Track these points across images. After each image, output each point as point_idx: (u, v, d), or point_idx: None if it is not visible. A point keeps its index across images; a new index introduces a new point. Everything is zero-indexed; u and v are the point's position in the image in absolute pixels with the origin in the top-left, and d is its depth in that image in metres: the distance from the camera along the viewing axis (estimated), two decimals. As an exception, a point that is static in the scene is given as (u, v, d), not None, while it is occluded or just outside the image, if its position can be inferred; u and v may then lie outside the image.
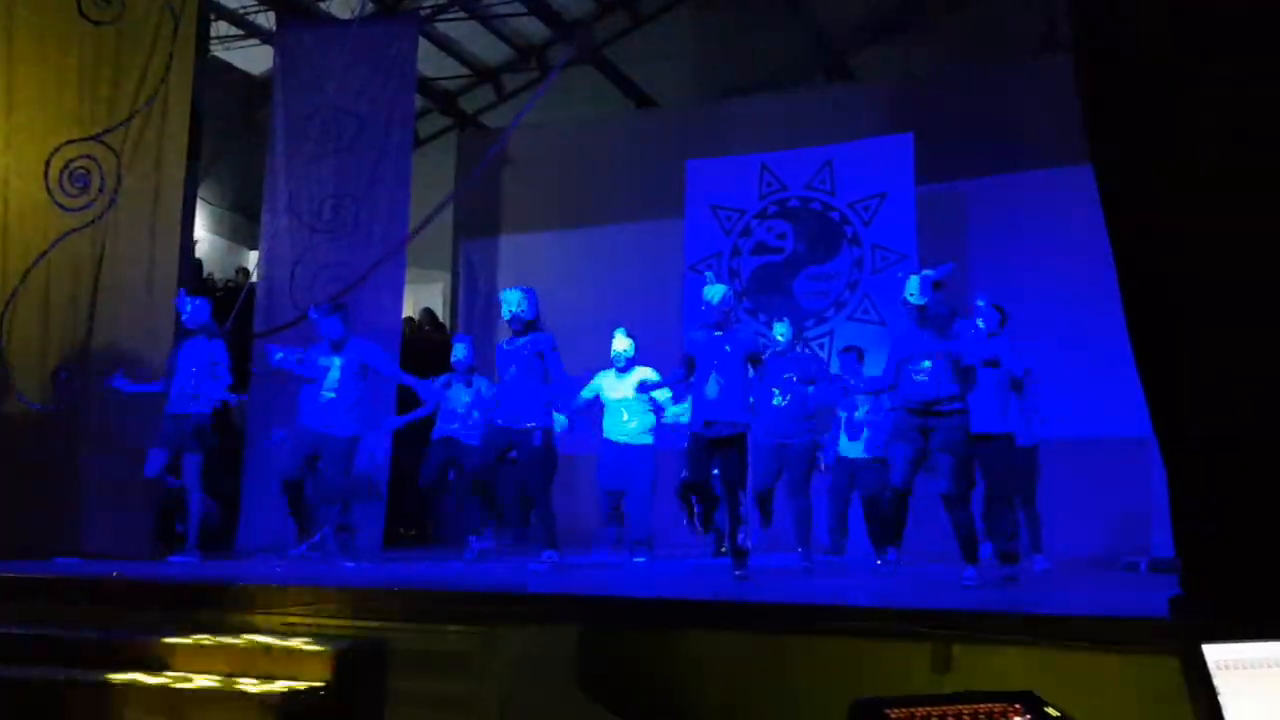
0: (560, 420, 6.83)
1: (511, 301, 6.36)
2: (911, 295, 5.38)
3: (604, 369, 7.64)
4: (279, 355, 6.84)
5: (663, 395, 7.35)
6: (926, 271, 5.51)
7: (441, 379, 8.26)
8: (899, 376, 5.44)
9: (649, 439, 7.48)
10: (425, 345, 11.56)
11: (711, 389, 5.74)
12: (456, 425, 7.70)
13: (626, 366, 7.48)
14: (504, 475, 6.72)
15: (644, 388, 7.05)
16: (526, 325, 6.35)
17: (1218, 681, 2.23)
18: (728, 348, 5.80)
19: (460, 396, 7.78)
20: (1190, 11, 3.17)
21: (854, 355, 7.73)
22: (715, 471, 5.92)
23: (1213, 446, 3.17)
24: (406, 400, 9.56)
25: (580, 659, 3.69)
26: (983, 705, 2.19)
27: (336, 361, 6.76)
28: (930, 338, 5.35)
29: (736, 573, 5.58)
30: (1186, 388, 3.22)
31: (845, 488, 7.40)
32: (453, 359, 8.00)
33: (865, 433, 7.25)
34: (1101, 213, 3.34)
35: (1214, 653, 2.27)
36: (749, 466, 5.97)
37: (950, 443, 5.23)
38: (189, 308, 7.03)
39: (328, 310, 6.88)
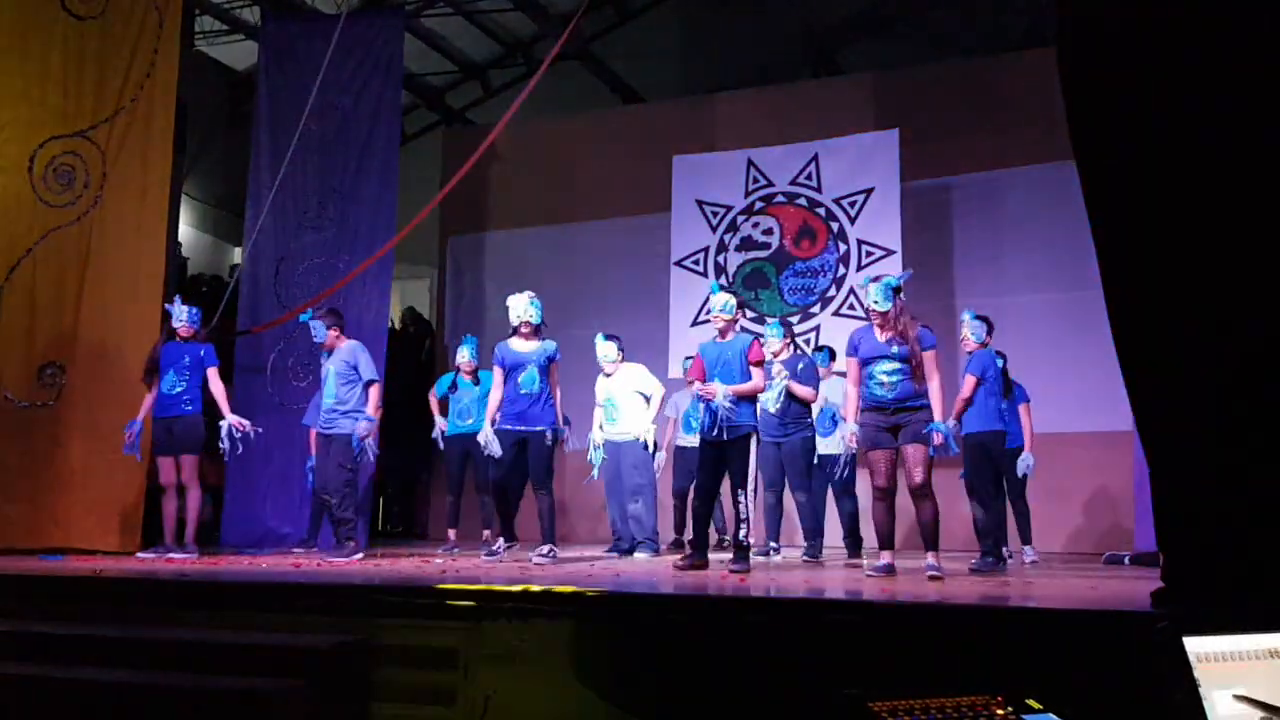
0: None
1: (519, 307, 6.46)
2: (876, 302, 5.43)
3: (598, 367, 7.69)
4: None
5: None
6: (889, 278, 5.56)
7: (446, 377, 8.38)
8: (864, 379, 5.49)
9: (648, 437, 7.53)
10: (409, 343, 11.59)
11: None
12: (472, 421, 7.77)
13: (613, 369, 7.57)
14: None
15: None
16: (534, 330, 6.47)
17: (1198, 673, 2.25)
18: (729, 354, 6.01)
19: (471, 394, 7.98)
20: (1174, 6, 3.19)
21: (826, 352, 7.79)
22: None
23: (1195, 441, 3.19)
24: (408, 401, 9.64)
25: (569, 654, 3.69)
26: (965, 699, 2.21)
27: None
28: (892, 341, 5.41)
29: (733, 568, 5.70)
30: (1168, 382, 3.24)
31: (822, 484, 7.42)
32: (458, 360, 8.13)
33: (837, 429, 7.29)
34: (1084, 208, 3.36)
35: (1195, 645, 2.29)
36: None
37: (918, 435, 5.31)
38: (185, 315, 6.99)
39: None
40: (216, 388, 6.88)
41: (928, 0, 10.76)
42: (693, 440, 7.46)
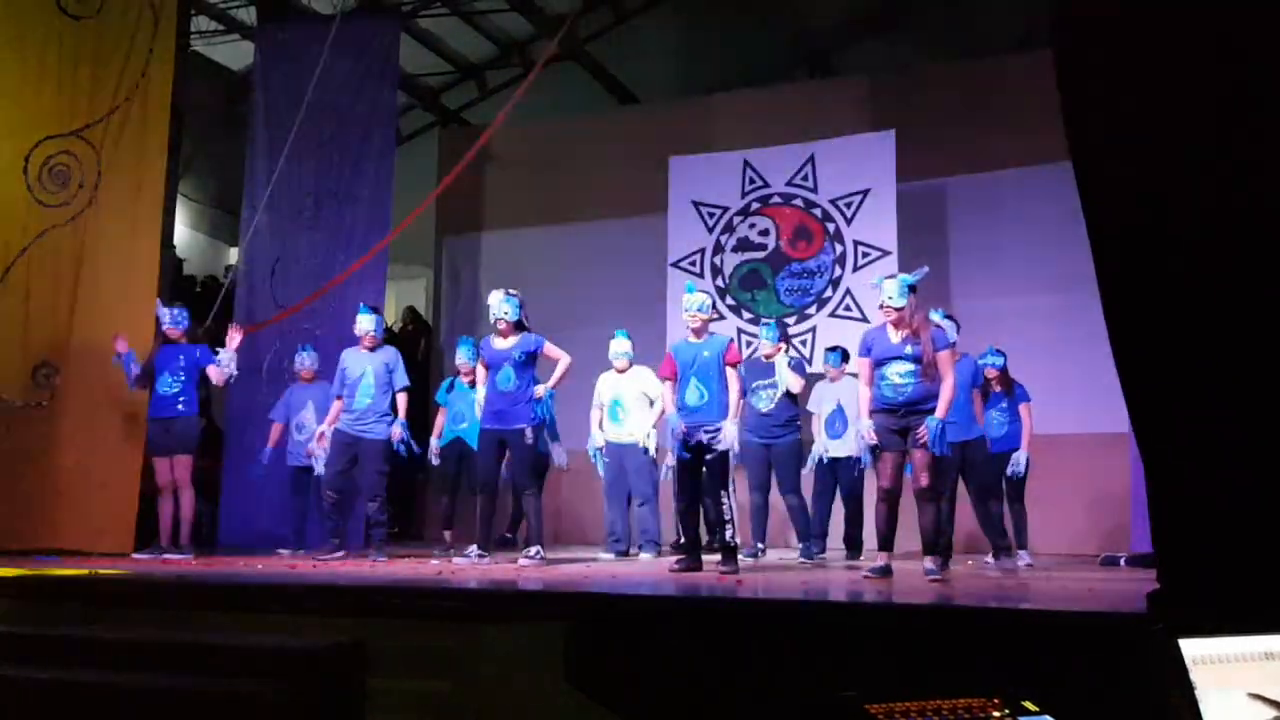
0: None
1: (494, 304, 6.43)
2: (890, 298, 5.41)
3: (593, 368, 7.71)
4: None
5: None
6: (904, 276, 5.53)
7: (445, 383, 8.37)
8: (875, 379, 5.46)
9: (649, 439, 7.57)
10: (408, 343, 11.56)
11: (692, 395, 5.95)
12: (465, 425, 7.78)
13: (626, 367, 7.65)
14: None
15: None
16: (512, 327, 6.42)
17: (1194, 676, 2.25)
18: (706, 354, 5.99)
19: (466, 398, 7.93)
20: (1170, 7, 3.19)
21: (839, 353, 7.78)
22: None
23: (1190, 442, 3.19)
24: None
25: (565, 656, 3.69)
26: (961, 700, 2.20)
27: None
28: (906, 341, 5.39)
29: (723, 569, 5.72)
30: (1164, 383, 3.24)
31: (830, 486, 7.42)
32: (456, 361, 8.11)
33: (844, 430, 7.30)
34: (1080, 209, 3.36)
35: (1191, 647, 2.29)
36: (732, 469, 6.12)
37: (928, 440, 5.30)
38: (168, 317, 6.99)
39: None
40: (216, 379, 6.95)
41: (924, 2, 10.76)
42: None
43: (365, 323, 6.86)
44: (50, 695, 3.77)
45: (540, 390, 6.44)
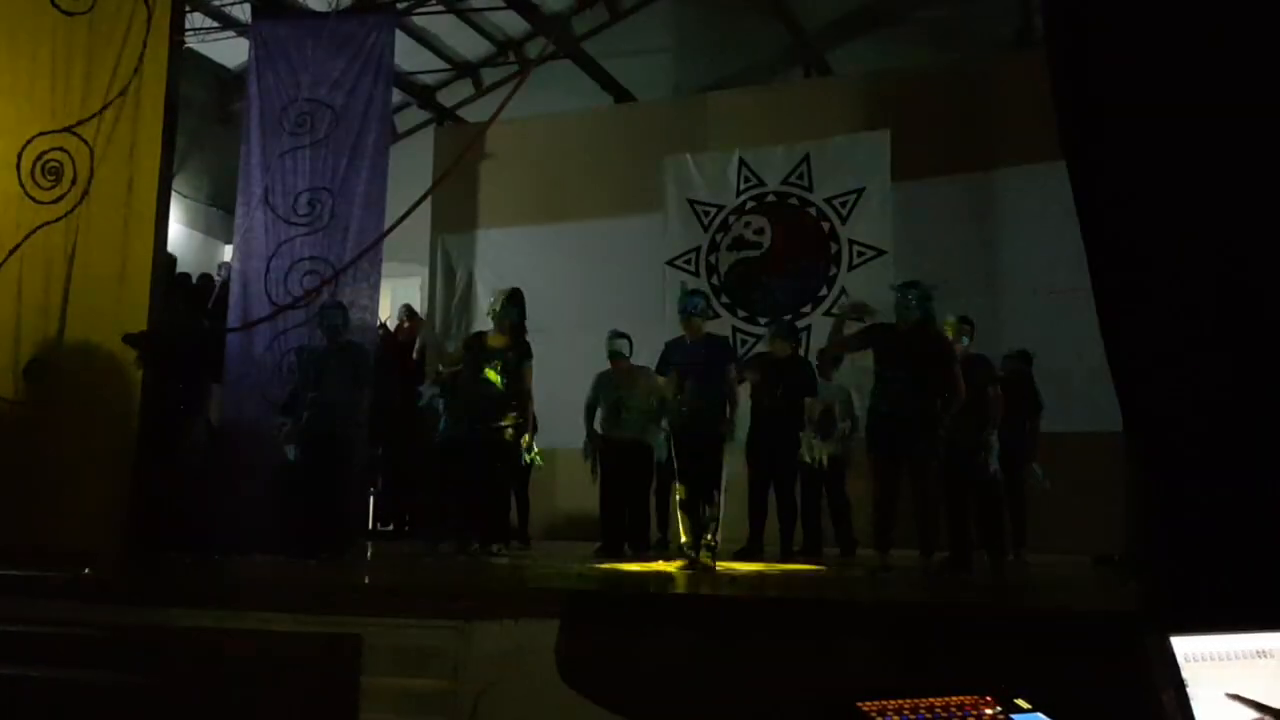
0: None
1: (498, 303, 6.44)
2: (908, 308, 5.41)
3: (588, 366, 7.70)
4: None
5: None
6: (923, 285, 5.54)
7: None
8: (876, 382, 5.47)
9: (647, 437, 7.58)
10: (407, 341, 11.55)
11: (688, 394, 6.01)
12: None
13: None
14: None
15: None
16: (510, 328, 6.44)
17: (1186, 674, 2.25)
18: (702, 355, 6.01)
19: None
20: (1164, 8, 3.20)
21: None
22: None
23: (1183, 442, 3.20)
24: (400, 400, 9.58)
25: (560, 653, 3.69)
26: (954, 698, 2.20)
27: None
28: (905, 343, 5.40)
29: (705, 567, 5.72)
30: (1158, 382, 3.24)
31: (817, 483, 7.44)
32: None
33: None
34: (1075, 209, 3.37)
35: (1182, 645, 2.29)
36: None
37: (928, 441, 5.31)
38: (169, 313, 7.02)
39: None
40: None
41: (919, 1, 10.76)
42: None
43: (333, 317, 6.87)
44: (48, 694, 3.76)
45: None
